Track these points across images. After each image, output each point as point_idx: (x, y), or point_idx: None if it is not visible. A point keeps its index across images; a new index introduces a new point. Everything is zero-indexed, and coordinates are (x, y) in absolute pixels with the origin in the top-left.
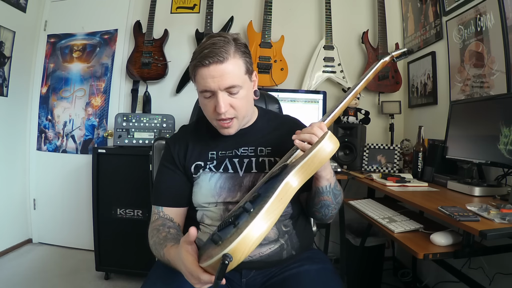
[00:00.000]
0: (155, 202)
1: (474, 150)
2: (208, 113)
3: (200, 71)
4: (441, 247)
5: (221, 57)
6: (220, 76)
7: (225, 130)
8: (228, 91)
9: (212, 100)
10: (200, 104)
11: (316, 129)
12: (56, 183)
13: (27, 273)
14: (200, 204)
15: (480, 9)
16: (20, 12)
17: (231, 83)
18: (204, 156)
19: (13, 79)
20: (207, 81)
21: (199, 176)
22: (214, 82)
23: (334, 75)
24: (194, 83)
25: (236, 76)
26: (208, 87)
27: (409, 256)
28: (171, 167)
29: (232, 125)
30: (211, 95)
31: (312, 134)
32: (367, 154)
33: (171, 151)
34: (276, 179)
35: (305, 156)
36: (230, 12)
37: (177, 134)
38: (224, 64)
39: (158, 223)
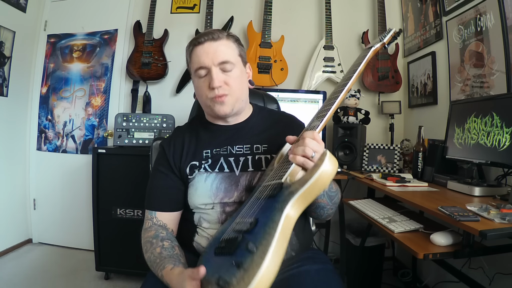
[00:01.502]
0: (148, 206)
1: (474, 150)
2: (203, 92)
3: (195, 50)
4: (441, 247)
5: (215, 35)
6: (213, 52)
7: (219, 107)
8: (222, 68)
9: (206, 78)
10: (195, 87)
11: (310, 142)
12: (56, 183)
13: (27, 273)
14: (196, 206)
15: (480, 9)
16: (20, 12)
17: (224, 58)
18: (199, 155)
19: (13, 79)
20: (201, 57)
21: (194, 177)
22: (208, 57)
23: (334, 75)
24: (189, 68)
25: (229, 53)
26: (202, 62)
27: (409, 256)
28: (165, 171)
29: (226, 101)
30: (206, 73)
31: (305, 147)
32: (367, 154)
33: (166, 154)
34: (274, 205)
35: (304, 184)
36: (230, 12)
37: (172, 136)
38: (217, 42)
39: (151, 234)
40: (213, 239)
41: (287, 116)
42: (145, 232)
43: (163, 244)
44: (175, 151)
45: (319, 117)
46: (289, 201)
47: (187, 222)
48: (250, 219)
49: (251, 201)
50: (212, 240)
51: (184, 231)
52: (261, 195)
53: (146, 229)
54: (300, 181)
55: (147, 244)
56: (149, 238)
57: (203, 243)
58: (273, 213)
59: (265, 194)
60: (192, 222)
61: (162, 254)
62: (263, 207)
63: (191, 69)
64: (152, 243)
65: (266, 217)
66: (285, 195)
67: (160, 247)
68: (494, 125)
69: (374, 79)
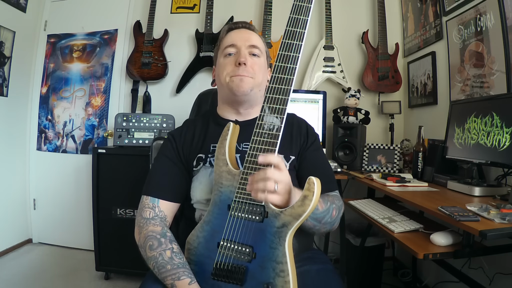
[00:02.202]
0: (150, 192)
1: (474, 150)
2: (226, 69)
3: (230, 32)
4: (441, 247)
5: (252, 27)
6: (247, 36)
7: (239, 82)
8: (250, 51)
9: (233, 57)
10: (219, 66)
11: (272, 174)
12: (56, 183)
13: (27, 273)
14: (198, 200)
15: (480, 9)
16: (20, 12)
17: (255, 43)
18: (206, 147)
19: (13, 79)
20: (234, 37)
21: (199, 170)
22: (241, 39)
23: (334, 75)
24: (219, 49)
25: (260, 43)
26: (234, 41)
27: (409, 256)
28: (172, 158)
29: (247, 80)
30: (234, 52)
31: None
32: (367, 154)
33: (176, 143)
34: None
35: (299, 218)
36: (230, 12)
37: (182, 128)
38: (252, 32)
39: (157, 230)
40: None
41: (297, 118)
42: (147, 222)
43: (172, 247)
44: (185, 142)
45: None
46: (287, 235)
47: (188, 219)
48: (244, 247)
49: (232, 219)
50: (195, 256)
51: (186, 229)
52: (241, 213)
53: (148, 219)
54: (292, 213)
55: (152, 239)
56: (155, 234)
57: None
58: (272, 246)
59: (247, 215)
60: (193, 220)
61: (174, 261)
62: (254, 234)
63: (220, 49)
64: (161, 243)
65: (264, 249)
66: (277, 226)
67: (170, 250)
68: (494, 125)
69: (374, 79)
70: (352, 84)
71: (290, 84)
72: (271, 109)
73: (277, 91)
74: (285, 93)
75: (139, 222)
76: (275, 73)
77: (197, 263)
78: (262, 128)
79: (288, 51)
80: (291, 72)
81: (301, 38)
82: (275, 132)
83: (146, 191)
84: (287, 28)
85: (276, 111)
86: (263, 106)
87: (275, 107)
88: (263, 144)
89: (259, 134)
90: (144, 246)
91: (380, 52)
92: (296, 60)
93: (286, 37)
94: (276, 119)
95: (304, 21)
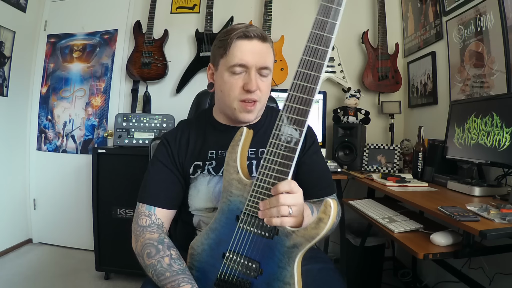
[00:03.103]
0: (146, 200)
1: (474, 150)
2: (233, 91)
3: (240, 43)
4: (441, 247)
5: (264, 36)
6: (259, 53)
7: (246, 114)
8: (260, 73)
9: (241, 77)
10: (223, 82)
11: (284, 199)
12: (56, 183)
13: (27, 273)
14: (197, 208)
15: (480, 9)
16: (20, 12)
17: (267, 64)
18: (203, 155)
19: (13, 79)
20: (246, 54)
21: (196, 178)
22: (253, 57)
23: (334, 75)
24: (223, 57)
25: (270, 59)
26: (245, 61)
27: (409, 256)
28: (168, 164)
29: (254, 109)
30: (243, 71)
31: (280, 207)
32: (367, 154)
33: (170, 148)
34: (276, 254)
35: (311, 240)
36: (230, 12)
37: (177, 131)
38: (265, 44)
39: (154, 237)
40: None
41: None
42: (144, 230)
43: (171, 253)
44: (180, 148)
45: (286, 154)
46: (297, 256)
47: (186, 224)
48: (251, 262)
49: (240, 231)
50: (198, 263)
51: (183, 234)
52: (250, 227)
53: (145, 227)
54: (305, 235)
55: (150, 247)
56: (153, 241)
57: None
58: (280, 265)
59: (256, 229)
60: (191, 225)
61: (173, 267)
62: (262, 249)
63: (226, 61)
64: (159, 250)
65: (272, 267)
66: (288, 246)
67: (168, 257)
68: (494, 125)
69: (374, 79)
70: (352, 84)
71: (313, 95)
72: (289, 119)
73: (298, 101)
74: (307, 104)
75: (136, 230)
76: (298, 79)
77: (200, 269)
78: (279, 139)
79: (313, 57)
80: (315, 81)
81: (327, 43)
82: (293, 146)
83: (142, 198)
84: (313, 31)
85: (295, 122)
86: (281, 114)
87: (295, 118)
88: (278, 157)
89: (275, 145)
90: (142, 254)
91: (380, 52)
92: (321, 68)
93: (311, 40)
94: (295, 131)
95: (333, 25)
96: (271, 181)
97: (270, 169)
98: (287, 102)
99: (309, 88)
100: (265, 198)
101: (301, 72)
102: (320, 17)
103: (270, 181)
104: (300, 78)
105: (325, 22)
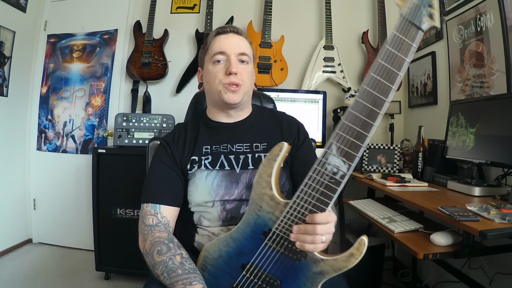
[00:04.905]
0: (151, 200)
1: (474, 150)
2: (217, 77)
3: (218, 38)
4: (441, 247)
5: (239, 31)
6: (236, 43)
7: (231, 94)
8: (239, 58)
9: (223, 65)
10: (208, 73)
11: (321, 229)
12: (56, 183)
13: (27, 273)
14: (197, 203)
15: (480, 9)
16: (20, 12)
17: (244, 50)
18: (199, 150)
19: (13, 79)
20: (224, 44)
21: (194, 174)
22: (230, 46)
23: (334, 75)
24: (206, 53)
25: (248, 49)
26: (223, 48)
27: (409, 256)
28: (169, 163)
29: (238, 91)
30: (224, 60)
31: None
32: (367, 154)
33: (170, 149)
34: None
35: (339, 270)
36: (230, 12)
37: (174, 133)
38: (240, 37)
39: (163, 235)
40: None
41: (287, 116)
42: (152, 229)
43: (181, 252)
44: (178, 146)
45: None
46: (321, 282)
47: (187, 223)
48: (273, 279)
49: (266, 248)
50: (212, 267)
51: (184, 233)
52: (277, 246)
53: (152, 226)
54: (333, 265)
55: (160, 245)
56: (163, 239)
57: (204, 242)
58: None
59: (284, 250)
60: (192, 223)
61: (184, 266)
62: (285, 269)
63: (208, 54)
64: (170, 248)
65: (293, 286)
66: (314, 271)
67: (180, 255)
68: (459, 125)
69: None
70: (352, 84)
71: (369, 131)
72: (339, 150)
73: (353, 133)
74: (361, 139)
75: (143, 230)
76: (355, 110)
77: (213, 274)
78: (324, 168)
79: (376, 90)
80: (374, 117)
81: (393, 80)
82: (339, 179)
83: (146, 199)
84: (380, 61)
85: (345, 155)
86: (331, 142)
87: (346, 150)
88: (321, 186)
89: (319, 173)
90: (152, 252)
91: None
92: (383, 106)
93: (377, 71)
94: (343, 164)
95: (401, 62)
96: (309, 208)
97: (310, 196)
98: (339, 131)
99: (366, 123)
100: (299, 222)
101: (360, 104)
102: (391, 49)
103: (308, 208)
104: (358, 109)
105: (395, 56)
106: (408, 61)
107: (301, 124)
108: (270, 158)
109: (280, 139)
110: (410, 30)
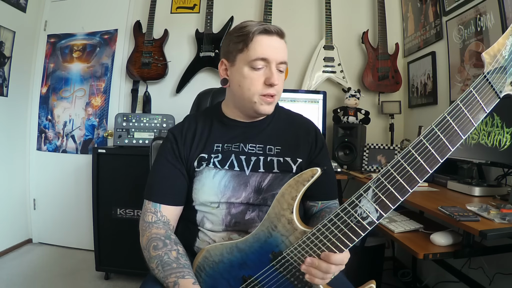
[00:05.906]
0: (152, 197)
1: (474, 150)
2: (254, 86)
3: (262, 38)
4: (441, 247)
5: (282, 32)
6: (280, 48)
7: (267, 106)
8: (278, 67)
9: (261, 72)
10: (242, 77)
11: (334, 269)
12: (56, 183)
13: (27, 273)
14: (201, 202)
15: (480, 9)
16: (20, 12)
17: (285, 59)
18: (209, 147)
19: (13, 79)
20: (267, 49)
21: (201, 171)
22: (274, 52)
23: (334, 75)
24: (243, 51)
25: (286, 56)
26: (267, 55)
27: (409, 256)
28: (173, 161)
29: (273, 102)
30: (263, 66)
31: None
32: (367, 154)
33: (177, 142)
34: None
35: None
36: (230, 12)
37: (183, 125)
38: (282, 41)
39: (160, 232)
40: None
41: (304, 120)
42: (150, 226)
43: (178, 248)
44: (185, 141)
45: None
46: None
47: (189, 222)
48: None
49: (271, 269)
50: (211, 269)
51: (185, 233)
52: (284, 270)
53: (151, 223)
54: None
55: (156, 240)
56: (159, 236)
57: None
58: None
59: (290, 276)
60: (194, 223)
61: (180, 261)
62: None
63: (247, 55)
64: (166, 244)
65: None
66: None
67: (176, 251)
68: (495, 125)
69: (374, 79)
70: (352, 84)
71: (412, 186)
72: (376, 197)
73: (395, 184)
74: (402, 192)
75: (142, 226)
76: (405, 160)
77: (211, 276)
78: (354, 210)
79: (434, 147)
80: (422, 173)
81: (454, 142)
82: (366, 225)
83: (148, 195)
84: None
85: (380, 204)
86: (369, 186)
87: (382, 199)
88: (346, 227)
89: (347, 213)
90: (148, 247)
91: (380, 52)
92: (436, 164)
93: (440, 127)
94: (375, 212)
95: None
96: (327, 244)
97: (331, 233)
98: (382, 177)
99: (412, 179)
100: (312, 255)
101: (412, 156)
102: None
103: (326, 244)
104: (408, 161)
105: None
106: (475, 125)
107: (318, 130)
108: (299, 181)
109: (295, 146)
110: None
